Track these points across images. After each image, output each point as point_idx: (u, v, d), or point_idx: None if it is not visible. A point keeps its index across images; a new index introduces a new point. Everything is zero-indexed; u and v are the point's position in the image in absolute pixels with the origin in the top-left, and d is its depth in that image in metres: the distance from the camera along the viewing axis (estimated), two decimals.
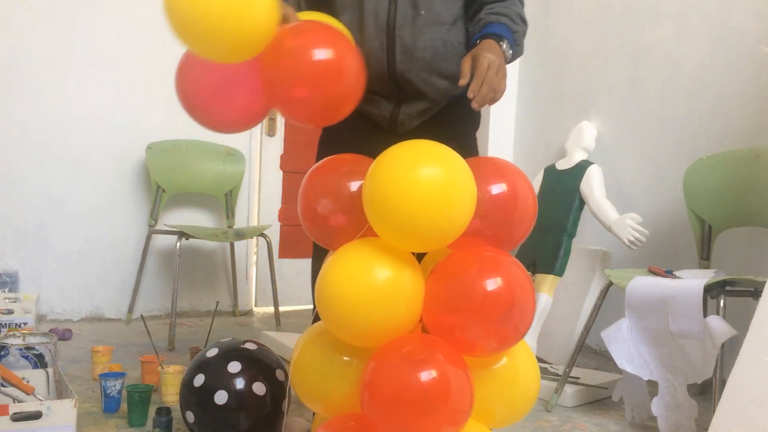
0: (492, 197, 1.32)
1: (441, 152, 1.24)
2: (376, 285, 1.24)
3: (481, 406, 1.34)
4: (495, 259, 1.30)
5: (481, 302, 1.24)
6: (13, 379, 1.65)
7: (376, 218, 1.23)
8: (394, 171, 1.20)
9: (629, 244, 2.60)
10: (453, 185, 1.20)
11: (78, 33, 3.16)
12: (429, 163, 1.21)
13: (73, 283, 3.21)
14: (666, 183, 2.81)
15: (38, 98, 3.11)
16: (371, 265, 1.25)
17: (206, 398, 1.65)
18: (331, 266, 1.28)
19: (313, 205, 1.36)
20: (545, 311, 2.75)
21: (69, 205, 3.19)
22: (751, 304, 1.77)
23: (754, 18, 2.53)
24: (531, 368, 1.43)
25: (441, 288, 1.28)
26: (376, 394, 1.22)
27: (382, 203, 1.20)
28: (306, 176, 1.40)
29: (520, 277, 1.29)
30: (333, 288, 1.25)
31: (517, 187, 1.35)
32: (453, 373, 1.22)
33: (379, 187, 1.21)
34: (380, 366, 1.24)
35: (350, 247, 1.30)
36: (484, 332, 1.27)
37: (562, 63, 3.42)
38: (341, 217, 1.33)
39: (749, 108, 2.53)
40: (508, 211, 1.34)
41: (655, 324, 1.97)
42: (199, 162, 3.37)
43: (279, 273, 3.34)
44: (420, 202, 1.17)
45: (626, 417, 2.12)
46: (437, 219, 1.19)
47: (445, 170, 1.21)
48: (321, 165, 1.40)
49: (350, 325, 1.26)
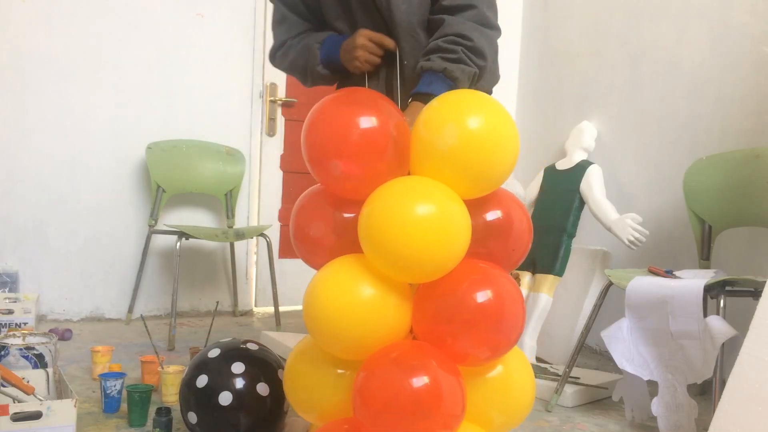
0: (487, 224, 1.35)
1: (435, 188, 1.25)
2: (362, 300, 1.25)
3: (477, 414, 1.35)
4: (484, 271, 1.31)
5: (471, 313, 1.25)
6: (13, 379, 1.65)
7: (372, 252, 1.24)
8: (389, 208, 1.22)
9: (629, 244, 2.60)
10: (447, 222, 1.22)
11: (78, 33, 3.16)
12: (423, 200, 1.22)
13: (73, 283, 3.21)
14: (666, 183, 2.81)
15: (38, 98, 3.11)
16: (357, 280, 1.26)
17: (209, 399, 1.65)
18: (317, 282, 1.30)
19: (305, 229, 1.40)
20: (545, 311, 2.75)
21: (69, 205, 3.19)
22: (751, 304, 1.77)
23: (754, 18, 2.53)
24: (526, 374, 1.43)
25: (431, 299, 1.29)
26: (367, 400, 1.23)
27: (377, 239, 1.22)
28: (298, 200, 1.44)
29: (509, 288, 1.30)
30: (319, 303, 1.27)
31: (511, 213, 1.37)
32: (444, 377, 1.23)
33: (375, 224, 1.22)
34: (371, 372, 1.24)
35: (336, 263, 1.32)
36: (476, 342, 1.27)
37: (562, 63, 3.42)
38: (332, 238, 1.36)
39: (749, 108, 2.53)
40: (503, 237, 1.37)
41: (655, 324, 1.97)
42: (199, 162, 3.37)
43: (279, 273, 3.34)
44: (415, 240, 1.19)
45: (626, 417, 2.12)
46: (432, 255, 1.21)
47: (440, 207, 1.22)
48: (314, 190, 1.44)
49: (337, 340, 1.27)
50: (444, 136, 1.25)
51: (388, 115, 1.30)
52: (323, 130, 1.29)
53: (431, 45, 1.61)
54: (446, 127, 1.26)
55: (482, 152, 1.25)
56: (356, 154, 1.26)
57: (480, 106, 1.29)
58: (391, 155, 1.29)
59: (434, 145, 1.27)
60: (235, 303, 3.54)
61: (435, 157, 1.27)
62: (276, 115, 3.63)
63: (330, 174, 1.30)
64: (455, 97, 1.33)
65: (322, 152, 1.29)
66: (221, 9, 3.44)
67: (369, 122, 1.27)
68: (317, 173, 1.33)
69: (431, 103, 1.33)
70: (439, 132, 1.26)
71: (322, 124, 1.29)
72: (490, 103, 1.30)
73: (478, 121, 1.26)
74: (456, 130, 1.25)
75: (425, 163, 1.29)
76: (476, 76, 1.62)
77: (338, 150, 1.27)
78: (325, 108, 1.31)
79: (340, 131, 1.27)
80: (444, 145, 1.25)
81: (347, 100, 1.32)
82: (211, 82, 3.43)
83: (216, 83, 3.44)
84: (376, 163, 1.27)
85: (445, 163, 1.26)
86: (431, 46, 1.61)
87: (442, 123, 1.27)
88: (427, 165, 1.29)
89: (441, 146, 1.26)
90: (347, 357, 1.33)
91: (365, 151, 1.26)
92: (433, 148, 1.27)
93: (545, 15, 3.50)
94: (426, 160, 1.29)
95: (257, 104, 3.57)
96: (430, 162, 1.28)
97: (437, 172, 1.27)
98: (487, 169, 1.26)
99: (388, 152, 1.28)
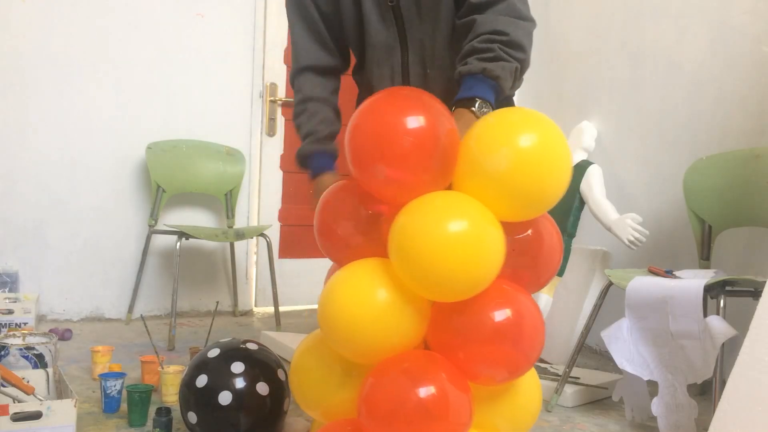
0: (518, 240, 1.30)
1: (474, 209, 1.21)
2: (380, 306, 1.23)
3: (484, 422, 1.34)
4: (505, 291, 1.28)
5: (489, 332, 1.23)
6: (13, 379, 1.65)
7: (400, 265, 1.21)
8: (424, 223, 1.18)
9: (629, 244, 2.60)
10: (482, 244, 1.18)
11: (78, 33, 3.16)
12: (460, 219, 1.18)
13: (73, 283, 3.21)
14: (666, 183, 2.81)
15: (38, 98, 3.11)
16: (377, 285, 1.24)
17: (209, 399, 1.65)
18: (336, 282, 1.27)
19: (331, 225, 1.36)
20: (545, 311, 2.75)
21: (69, 205, 3.19)
22: (751, 304, 1.77)
23: (754, 18, 2.53)
24: (533, 384, 1.42)
25: (449, 315, 1.26)
26: (373, 407, 1.22)
27: (407, 253, 1.18)
28: (324, 194, 1.41)
29: (530, 309, 1.28)
30: (336, 304, 1.24)
31: (541, 230, 1.33)
32: (451, 388, 1.21)
33: (407, 237, 1.19)
34: (379, 380, 1.23)
35: (358, 265, 1.29)
36: (492, 362, 1.25)
37: (562, 63, 3.42)
38: (359, 238, 1.33)
39: (749, 108, 2.53)
40: (533, 254, 1.33)
41: (655, 324, 1.97)
42: (199, 162, 3.37)
43: (279, 273, 3.33)
44: (445, 259, 1.15)
45: (626, 417, 2.12)
46: (461, 276, 1.17)
47: (476, 228, 1.19)
48: (342, 184, 1.40)
49: (350, 343, 1.25)
50: (496, 158, 1.20)
51: (441, 121, 1.24)
52: (372, 129, 1.22)
53: (466, 48, 1.54)
54: (500, 150, 1.20)
55: (533, 179, 1.19)
56: (404, 157, 1.20)
57: (536, 129, 1.22)
58: (438, 164, 1.23)
59: (484, 166, 1.21)
60: (235, 303, 3.54)
61: (483, 177, 1.21)
62: (276, 115, 3.63)
63: (375, 177, 1.25)
64: (512, 118, 1.26)
65: (369, 153, 1.23)
66: (221, 9, 3.44)
67: (417, 122, 1.20)
68: (360, 175, 1.27)
69: (486, 117, 1.28)
70: (491, 153, 1.20)
71: (372, 124, 1.23)
72: (546, 127, 1.24)
73: (533, 147, 1.20)
74: (509, 154, 1.19)
75: (470, 181, 1.24)
76: (518, 70, 1.55)
77: (386, 152, 1.21)
78: (375, 107, 1.25)
79: (390, 132, 1.20)
80: (494, 169, 1.20)
81: (400, 100, 1.26)
82: (211, 82, 3.43)
83: (216, 83, 3.44)
84: (422, 171, 1.22)
85: (494, 186, 1.21)
86: (466, 49, 1.54)
87: (496, 144, 1.21)
88: (472, 183, 1.24)
89: (491, 169, 1.20)
90: (358, 360, 1.31)
91: (414, 156, 1.20)
92: (482, 169, 1.21)
93: (545, 15, 3.49)
94: (472, 177, 1.24)
95: (257, 104, 3.57)
96: (477, 181, 1.23)
97: (482, 191, 1.22)
98: (536, 196, 1.21)
99: (435, 160, 1.22)
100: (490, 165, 1.20)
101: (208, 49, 3.41)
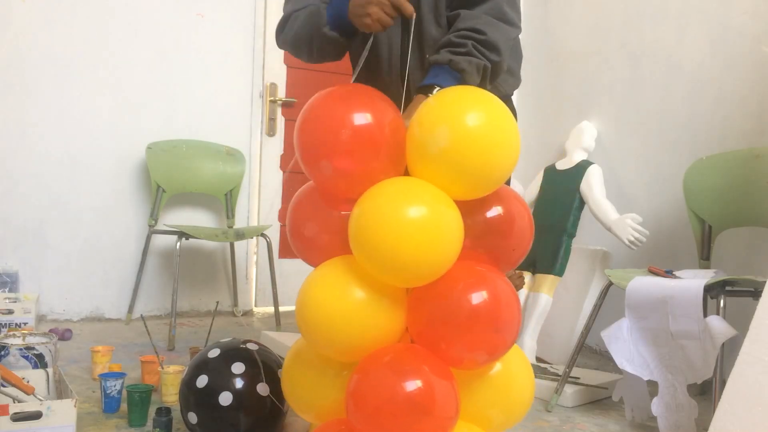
0: (487, 221, 1.31)
1: (426, 191, 1.22)
2: (355, 302, 1.23)
3: (476, 413, 1.34)
4: (479, 272, 1.28)
5: (466, 316, 1.23)
6: (13, 379, 1.65)
7: (361, 255, 1.22)
8: (378, 210, 1.20)
9: (629, 244, 2.60)
10: (437, 227, 1.19)
11: (78, 33, 3.16)
12: (413, 204, 1.19)
13: (73, 283, 3.21)
14: (666, 183, 2.81)
15: (38, 98, 3.11)
16: (349, 282, 1.24)
17: (209, 399, 1.65)
18: (309, 284, 1.28)
19: (300, 227, 1.38)
20: (545, 311, 2.75)
21: (69, 205, 3.19)
22: (751, 304, 1.77)
23: (754, 18, 2.53)
24: (524, 372, 1.42)
25: (425, 302, 1.27)
26: (360, 403, 1.22)
27: (365, 242, 1.20)
28: (295, 196, 1.42)
29: (505, 290, 1.28)
30: (311, 306, 1.25)
31: (512, 210, 1.34)
32: (437, 381, 1.22)
33: (363, 226, 1.20)
34: (364, 375, 1.23)
35: (328, 264, 1.30)
36: (471, 345, 1.25)
37: (562, 63, 3.42)
38: (326, 237, 1.34)
39: (749, 108, 2.53)
40: (504, 235, 1.33)
41: (655, 324, 1.97)
42: (199, 162, 3.37)
43: (279, 273, 3.33)
44: (403, 244, 1.16)
45: (626, 417, 2.12)
46: (420, 260, 1.18)
47: (430, 211, 1.19)
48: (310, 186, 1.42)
49: (330, 342, 1.26)
50: (436, 137, 1.21)
51: (382, 112, 1.26)
52: (316, 126, 1.25)
53: (443, 40, 1.58)
54: (439, 128, 1.21)
55: (477, 154, 1.20)
56: (350, 151, 1.22)
57: (476, 105, 1.24)
58: (385, 154, 1.25)
59: (426, 146, 1.23)
60: (235, 303, 3.54)
61: (428, 158, 1.23)
62: (276, 115, 3.63)
63: (322, 172, 1.27)
64: (451, 96, 1.28)
65: (315, 149, 1.26)
66: (221, 9, 3.44)
67: (363, 119, 1.24)
68: (310, 171, 1.30)
69: (428, 100, 1.30)
70: (431, 132, 1.22)
71: (316, 121, 1.25)
72: (487, 102, 1.25)
73: (474, 121, 1.20)
74: (449, 131, 1.20)
75: (419, 164, 1.26)
76: (488, 70, 1.57)
77: (331, 147, 1.23)
78: (318, 104, 1.27)
79: (334, 127, 1.23)
80: (436, 147, 1.21)
81: (341, 96, 1.28)
82: (211, 82, 3.43)
83: (216, 83, 3.44)
84: (370, 162, 1.24)
85: (439, 166, 1.22)
86: (443, 40, 1.57)
87: (435, 123, 1.22)
88: (420, 166, 1.25)
89: (433, 148, 1.21)
90: (341, 358, 1.32)
91: (359, 149, 1.23)
92: (426, 150, 1.23)
93: (545, 15, 3.50)
94: (420, 160, 1.25)
95: (257, 104, 3.57)
96: (424, 163, 1.24)
97: (431, 173, 1.23)
98: (483, 172, 1.22)
99: (382, 150, 1.24)
100: (432, 144, 1.22)
101: (208, 49, 3.41)
